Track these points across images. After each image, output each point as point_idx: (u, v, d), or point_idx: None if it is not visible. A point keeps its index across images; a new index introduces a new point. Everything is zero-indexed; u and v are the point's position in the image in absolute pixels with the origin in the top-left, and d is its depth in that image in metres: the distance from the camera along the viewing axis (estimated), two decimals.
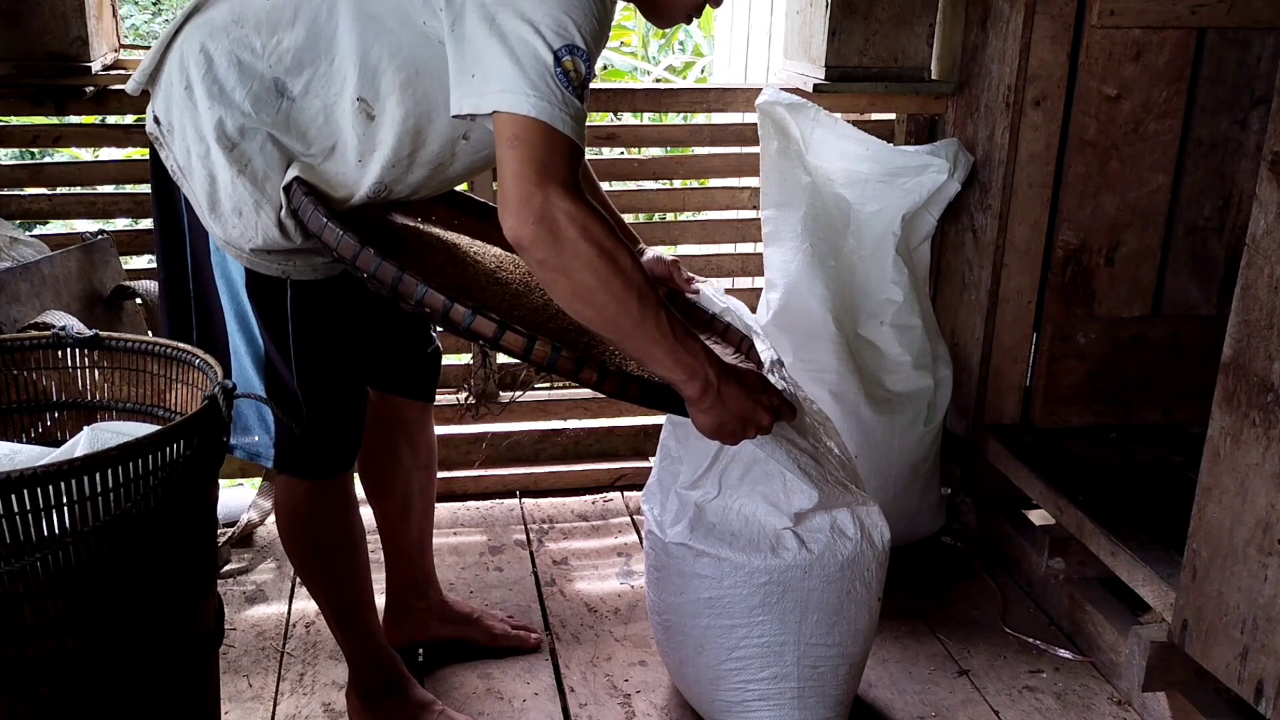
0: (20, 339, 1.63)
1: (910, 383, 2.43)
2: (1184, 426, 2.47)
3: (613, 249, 1.35)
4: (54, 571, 1.25)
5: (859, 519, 1.80)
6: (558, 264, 1.34)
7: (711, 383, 1.44)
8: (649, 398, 1.47)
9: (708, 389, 1.44)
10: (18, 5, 2.19)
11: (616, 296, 1.35)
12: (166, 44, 1.54)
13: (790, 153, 2.41)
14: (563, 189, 1.32)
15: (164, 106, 1.53)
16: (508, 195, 1.32)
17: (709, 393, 1.44)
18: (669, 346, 1.40)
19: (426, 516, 2.05)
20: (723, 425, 1.48)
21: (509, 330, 1.35)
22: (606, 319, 1.38)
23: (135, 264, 2.53)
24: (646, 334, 1.38)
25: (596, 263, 1.33)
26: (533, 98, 1.30)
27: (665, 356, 1.40)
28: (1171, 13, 2.26)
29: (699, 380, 1.43)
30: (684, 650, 1.88)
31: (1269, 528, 1.60)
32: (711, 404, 1.45)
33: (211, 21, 1.50)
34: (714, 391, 1.44)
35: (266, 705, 1.97)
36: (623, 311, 1.36)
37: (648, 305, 1.37)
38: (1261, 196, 1.59)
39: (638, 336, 1.39)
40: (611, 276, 1.34)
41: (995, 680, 2.10)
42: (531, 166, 1.31)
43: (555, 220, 1.31)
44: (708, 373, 1.43)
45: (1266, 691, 1.61)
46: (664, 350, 1.40)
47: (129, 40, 2.59)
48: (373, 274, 1.37)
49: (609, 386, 1.42)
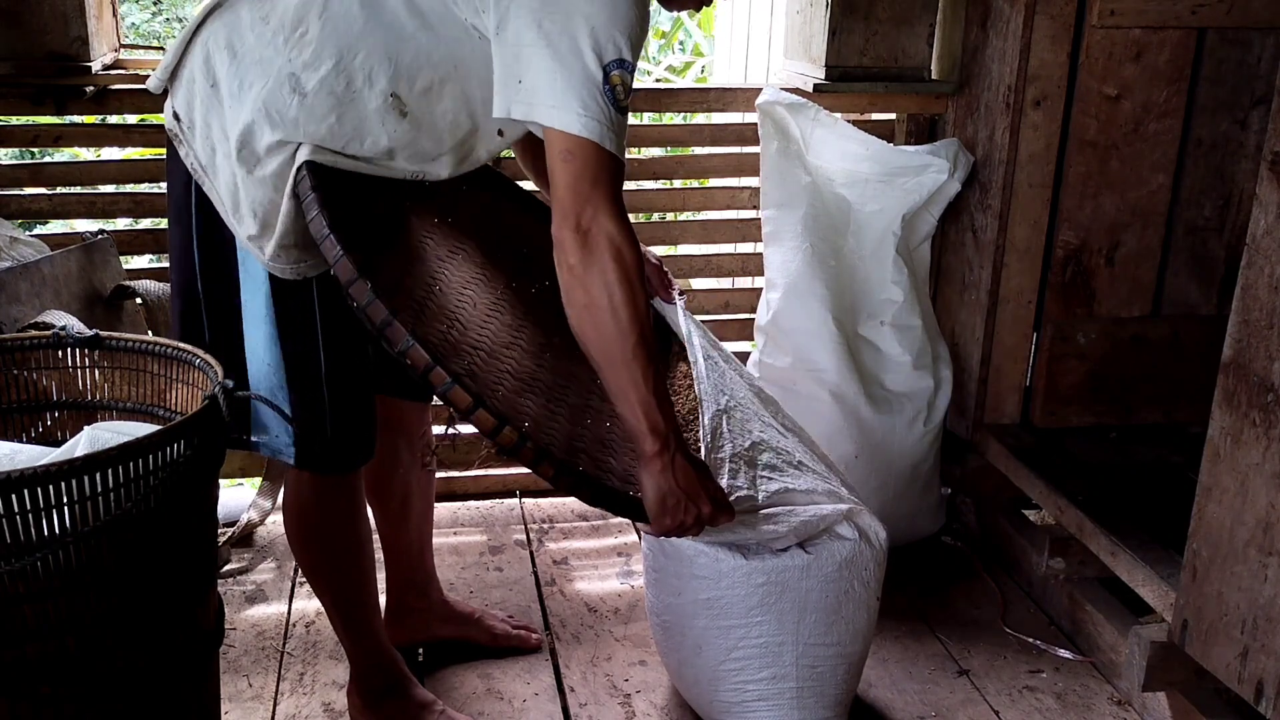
0: (20, 339, 1.63)
1: (910, 383, 2.43)
2: (1184, 426, 2.47)
3: (636, 283, 1.41)
4: (54, 571, 1.25)
5: (855, 521, 1.81)
6: (583, 275, 1.40)
7: (670, 447, 1.45)
8: (600, 500, 1.49)
9: (664, 451, 1.45)
10: (18, 5, 2.19)
11: (620, 326, 1.40)
12: (188, 40, 1.53)
13: (790, 153, 2.41)
14: (611, 207, 1.40)
15: (185, 103, 1.53)
16: (560, 203, 1.40)
17: (664, 455, 1.45)
18: (643, 396, 1.42)
19: (426, 517, 2.04)
20: (668, 495, 1.47)
21: (482, 408, 1.37)
22: (603, 343, 1.42)
23: (135, 264, 2.53)
24: (630, 373, 1.41)
25: (616, 289, 1.39)
26: (584, 117, 1.36)
27: (637, 404, 1.42)
28: (1171, 13, 2.26)
29: (659, 438, 1.44)
30: (683, 651, 1.88)
31: (1269, 528, 1.60)
32: (663, 468, 1.46)
33: (239, 17, 1.50)
34: (668, 456, 1.45)
35: (266, 705, 1.97)
36: (620, 343, 1.40)
37: (642, 348, 1.41)
38: (1261, 196, 1.59)
39: (621, 372, 1.42)
40: (624, 305, 1.40)
41: (995, 680, 2.10)
42: (584, 181, 1.38)
43: (598, 237, 1.39)
44: (670, 437, 1.45)
45: (1266, 691, 1.61)
46: (638, 397, 1.42)
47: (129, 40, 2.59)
48: (363, 308, 1.37)
49: (562, 485, 1.45)
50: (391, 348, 1.37)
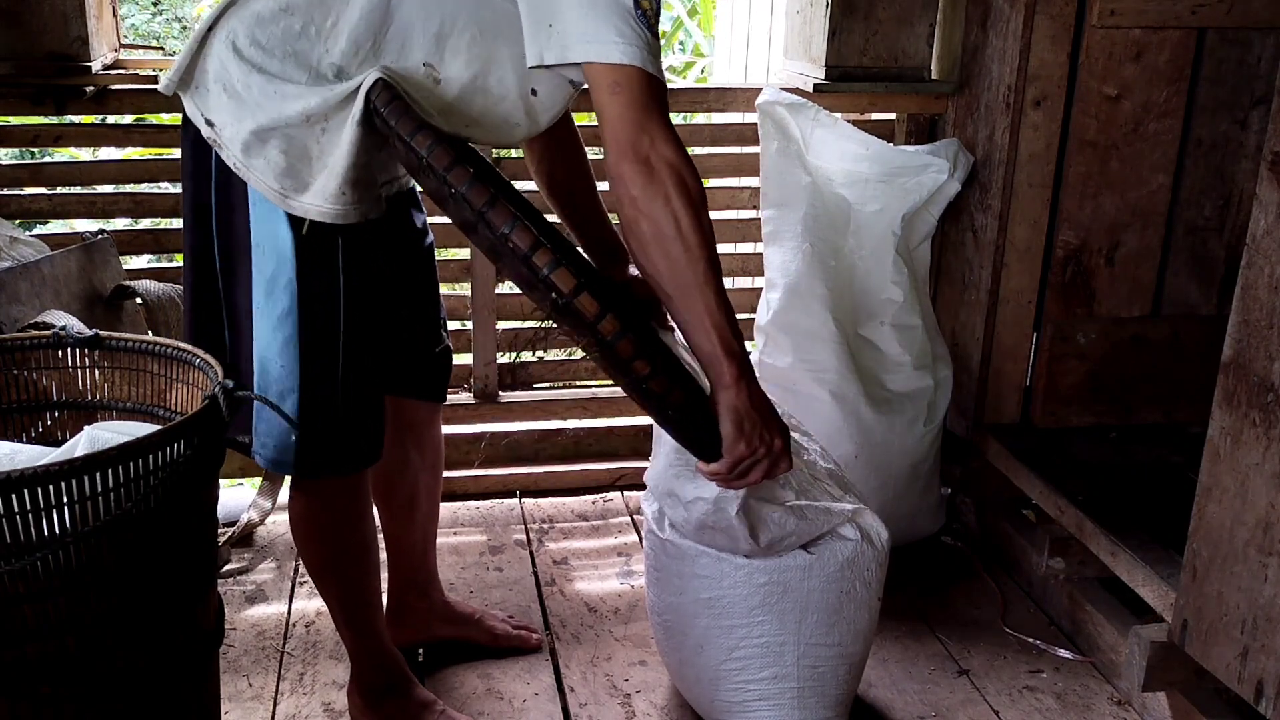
0: (20, 339, 1.63)
1: (910, 383, 2.43)
2: (1184, 426, 2.47)
3: (699, 207, 1.39)
4: (54, 571, 1.25)
5: (856, 522, 1.81)
6: (646, 206, 1.38)
7: (746, 371, 1.44)
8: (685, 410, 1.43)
9: (741, 375, 1.44)
10: (18, 5, 2.19)
11: (690, 251, 1.38)
12: (201, 41, 1.52)
13: (790, 153, 2.41)
14: (666, 133, 1.38)
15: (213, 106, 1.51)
16: (616, 136, 1.38)
17: (741, 379, 1.44)
18: (719, 320, 1.40)
19: (431, 517, 2.04)
20: (745, 418, 1.46)
21: (586, 292, 1.33)
22: (674, 271, 1.39)
23: (135, 264, 2.53)
24: (704, 298, 1.40)
25: (683, 215, 1.37)
26: (622, 44, 1.35)
27: (713, 328, 1.41)
28: (1171, 13, 2.26)
29: (736, 362, 1.43)
30: (684, 650, 1.88)
31: (1269, 528, 1.60)
32: (740, 392, 1.44)
33: (257, 14, 1.48)
34: (745, 381, 1.44)
35: (266, 705, 1.97)
36: (691, 268, 1.38)
37: (713, 272, 1.39)
38: (1261, 196, 1.59)
39: (695, 297, 1.40)
40: (691, 231, 1.38)
41: (995, 680, 2.10)
42: (636, 110, 1.36)
43: (657, 165, 1.37)
44: (745, 361, 1.44)
45: (1266, 691, 1.61)
46: (713, 321, 1.40)
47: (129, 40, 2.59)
48: (461, 192, 1.34)
49: (655, 385, 1.40)
50: (492, 230, 1.34)
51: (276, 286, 1.54)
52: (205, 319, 1.65)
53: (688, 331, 1.44)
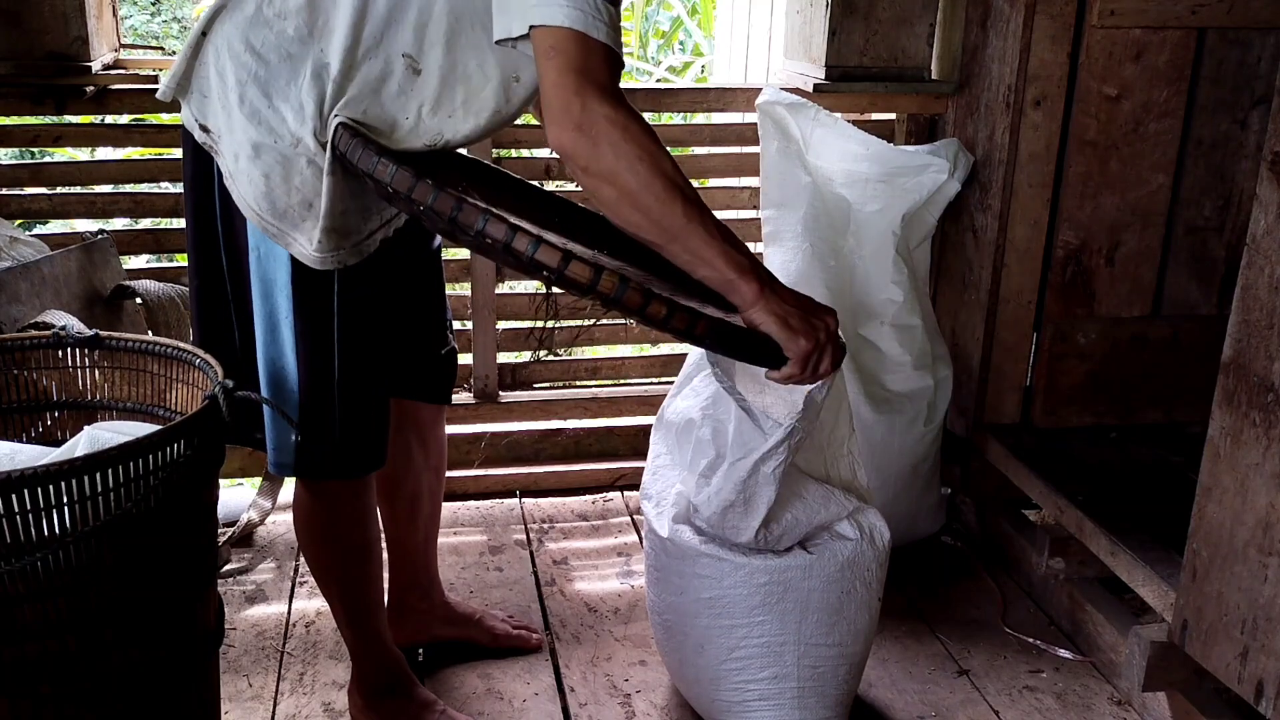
0: (20, 339, 1.63)
1: (910, 383, 2.43)
2: (1184, 426, 2.47)
3: (653, 151, 1.33)
4: (54, 571, 1.25)
5: (857, 521, 1.81)
6: (600, 169, 1.33)
7: (766, 279, 1.40)
8: (718, 336, 1.38)
9: (764, 285, 1.39)
10: (18, 5, 2.19)
11: (660, 198, 1.33)
12: (196, 46, 1.51)
13: (790, 153, 2.41)
14: (601, 93, 1.32)
15: (210, 112, 1.51)
16: (549, 105, 1.33)
17: (765, 288, 1.39)
18: (719, 248, 1.36)
19: (433, 518, 2.04)
20: (789, 315, 1.40)
21: (575, 260, 1.30)
22: (653, 222, 1.35)
23: (135, 264, 2.53)
24: (695, 234, 1.36)
25: (637, 165, 1.32)
26: (566, 8, 1.31)
27: (716, 257, 1.37)
28: (1171, 13, 2.26)
29: (754, 277, 1.38)
30: (684, 650, 1.88)
31: (1269, 528, 1.60)
32: (770, 298, 1.39)
33: (250, 18, 1.48)
34: (769, 288, 1.40)
35: (266, 705, 1.97)
36: (668, 212, 1.34)
37: (693, 206, 1.35)
38: (1261, 196, 1.59)
39: (686, 237, 1.36)
40: (653, 178, 1.33)
41: (995, 680, 2.10)
42: (569, 75, 1.31)
43: (595, 125, 1.31)
44: (761, 271, 1.40)
45: (1266, 691, 1.61)
46: (714, 251, 1.37)
47: (129, 40, 2.59)
48: (430, 206, 1.32)
49: (678, 323, 1.34)
50: (466, 233, 1.32)
51: (273, 290, 1.54)
52: (212, 320, 1.65)
53: (693, 271, 1.39)
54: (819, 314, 1.43)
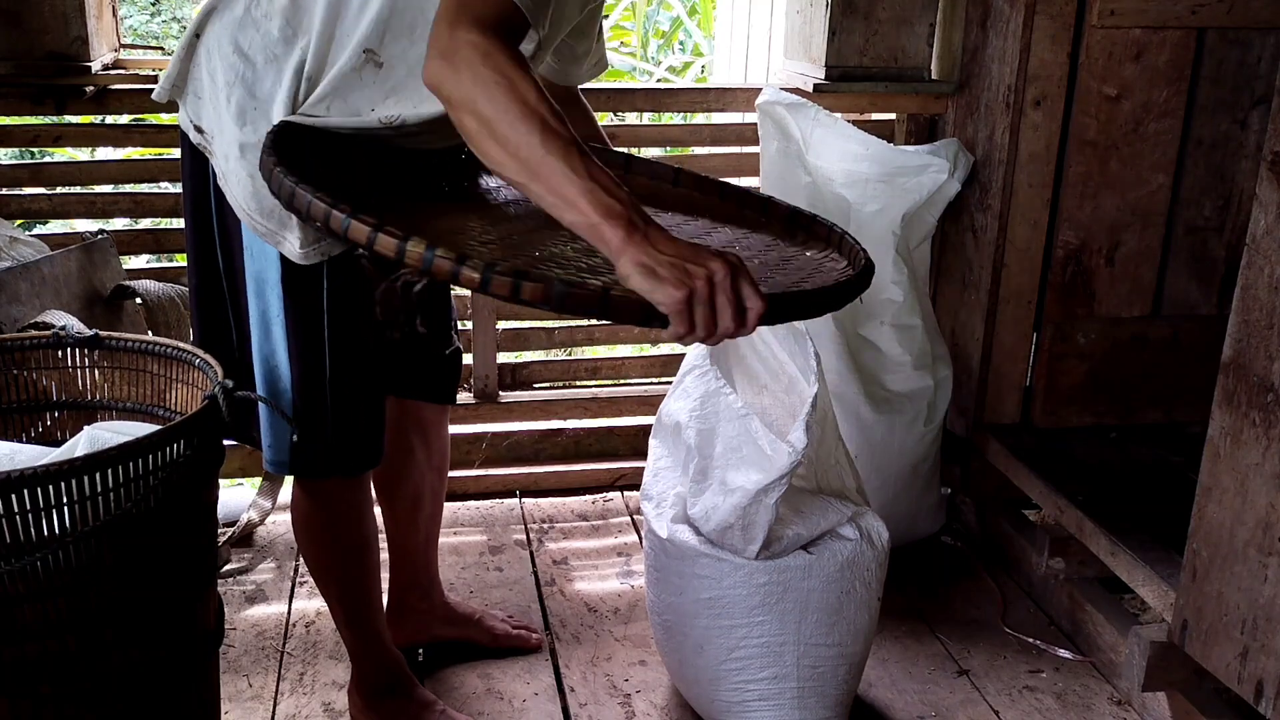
0: (20, 339, 1.63)
1: (910, 383, 2.43)
2: (1184, 426, 2.47)
3: (514, 76, 1.19)
4: (54, 571, 1.25)
5: (856, 522, 1.81)
6: (460, 97, 1.21)
7: (638, 225, 1.17)
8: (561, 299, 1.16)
9: (632, 229, 1.16)
10: (18, 5, 2.19)
11: (515, 125, 1.18)
12: (190, 47, 1.52)
13: (790, 153, 2.41)
14: (473, 22, 1.21)
15: (204, 113, 1.51)
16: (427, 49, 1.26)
17: (634, 234, 1.16)
18: (583, 185, 1.17)
19: (434, 518, 2.04)
20: (656, 264, 1.15)
21: (381, 233, 1.16)
22: (511, 155, 1.20)
23: (135, 264, 2.53)
24: (554, 169, 1.18)
25: (494, 90, 1.19)
26: None
27: (579, 196, 1.17)
28: (1171, 13, 2.26)
29: (620, 221, 1.16)
30: (684, 650, 1.88)
31: (1269, 528, 1.60)
32: (637, 246, 1.16)
33: (239, 20, 1.49)
34: (639, 234, 1.16)
35: (266, 705, 1.97)
36: (525, 142, 1.18)
37: (554, 138, 1.18)
38: (1261, 196, 1.59)
39: (546, 174, 1.18)
40: (510, 103, 1.19)
41: (995, 680, 2.10)
42: (447, 6, 1.23)
43: (458, 51, 1.21)
44: (634, 217, 1.18)
45: (1266, 691, 1.61)
46: (577, 189, 1.17)
47: (129, 40, 2.59)
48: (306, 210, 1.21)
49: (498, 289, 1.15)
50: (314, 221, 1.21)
51: (265, 287, 1.55)
52: (211, 319, 1.66)
53: (560, 217, 1.21)
54: (701, 259, 1.16)
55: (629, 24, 5.77)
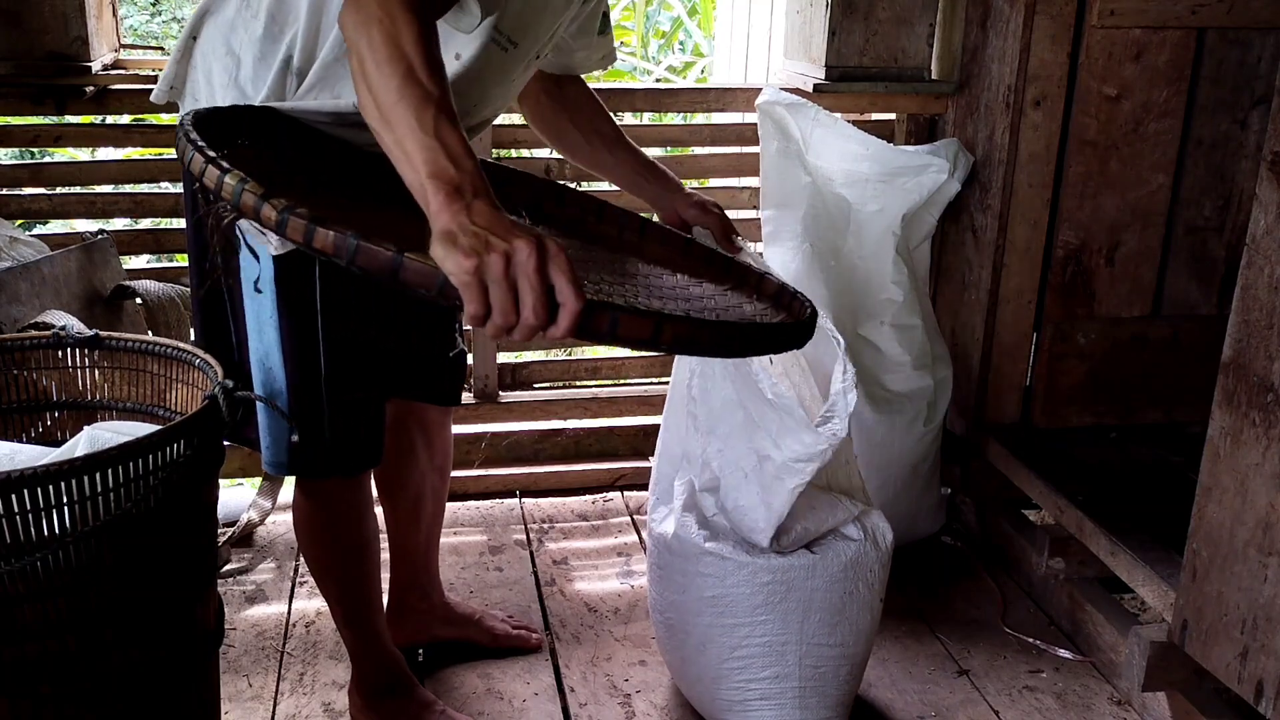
0: (20, 339, 1.63)
1: (910, 383, 2.43)
2: (1184, 426, 2.47)
3: (398, 17, 1.13)
4: (54, 571, 1.25)
5: (861, 522, 1.81)
6: (349, 36, 1.16)
7: (463, 193, 1.06)
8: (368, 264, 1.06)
9: (455, 197, 1.06)
10: (18, 5, 2.19)
11: (380, 68, 1.12)
12: (186, 48, 1.53)
13: (790, 153, 2.41)
14: None
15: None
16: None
17: (455, 203, 1.05)
18: (424, 140, 1.09)
19: (436, 519, 2.04)
20: (458, 232, 1.03)
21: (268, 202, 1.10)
22: (370, 96, 1.13)
23: (135, 264, 2.53)
24: (401, 118, 1.10)
25: (373, 29, 1.13)
26: None
27: (416, 151, 1.09)
28: (1171, 13, 2.26)
29: (446, 184, 1.07)
30: (685, 649, 1.88)
31: (1269, 528, 1.60)
32: (456, 215, 1.05)
33: (230, 20, 1.49)
34: (461, 203, 1.05)
35: (266, 705, 1.97)
36: (384, 86, 1.11)
37: (413, 86, 1.11)
38: (1261, 196, 1.59)
39: (394, 121, 1.11)
40: (382, 44, 1.12)
41: (995, 680, 2.10)
42: None
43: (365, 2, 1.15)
44: (461, 182, 1.07)
45: (1266, 691, 1.61)
46: (416, 143, 1.09)
47: (129, 40, 2.59)
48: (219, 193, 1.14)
49: (293, 233, 1.09)
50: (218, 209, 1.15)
51: (260, 287, 1.55)
52: (213, 319, 1.66)
53: (400, 172, 1.12)
54: (508, 235, 1.03)
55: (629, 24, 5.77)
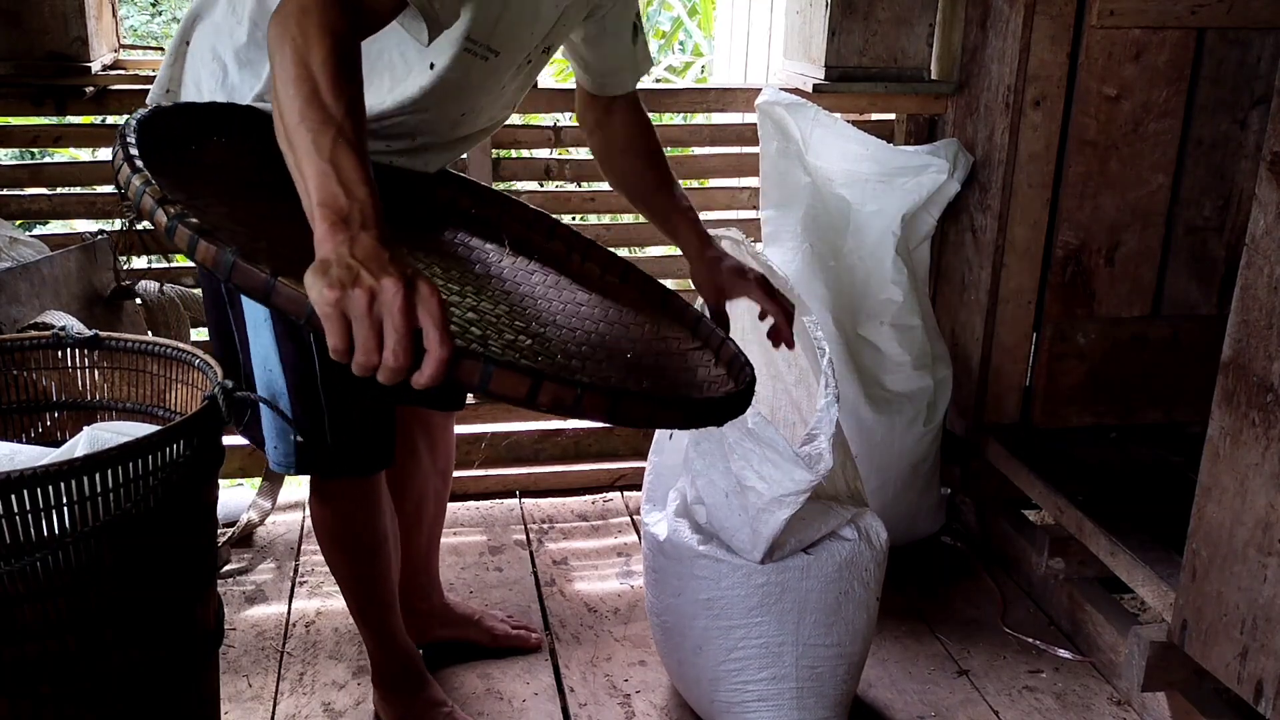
0: (20, 339, 1.63)
1: (910, 383, 2.43)
2: (1184, 426, 2.47)
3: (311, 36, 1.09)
4: (54, 571, 1.25)
5: (855, 523, 1.81)
6: (270, 55, 1.12)
7: (350, 224, 1.01)
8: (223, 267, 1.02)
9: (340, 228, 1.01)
10: (18, 5, 2.19)
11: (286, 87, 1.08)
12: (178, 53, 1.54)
13: (790, 153, 2.41)
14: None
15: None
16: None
17: (339, 233, 1.00)
18: (318, 166, 1.04)
19: (437, 521, 2.05)
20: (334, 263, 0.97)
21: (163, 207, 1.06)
22: (278, 115, 1.09)
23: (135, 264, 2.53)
24: (301, 140, 1.06)
25: (285, 47, 1.09)
26: None
27: (311, 176, 1.04)
28: (1171, 13, 2.26)
29: (333, 213, 1.02)
30: (683, 651, 1.88)
31: (1269, 528, 1.60)
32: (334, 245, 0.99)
33: (217, 25, 1.50)
34: (346, 234, 1.00)
35: (266, 705, 1.97)
36: (288, 107, 1.07)
37: (315, 109, 1.07)
38: (1261, 196, 1.59)
39: (295, 142, 1.06)
40: (292, 63, 1.08)
41: (995, 680, 2.10)
42: None
43: (286, 3, 1.12)
44: (350, 212, 1.02)
45: (1266, 691, 1.61)
46: (312, 168, 1.04)
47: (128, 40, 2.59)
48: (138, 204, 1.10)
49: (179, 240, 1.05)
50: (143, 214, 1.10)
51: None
52: (220, 320, 1.66)
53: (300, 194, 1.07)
54: (381, 272, 0.97)
55: None
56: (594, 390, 1.05)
